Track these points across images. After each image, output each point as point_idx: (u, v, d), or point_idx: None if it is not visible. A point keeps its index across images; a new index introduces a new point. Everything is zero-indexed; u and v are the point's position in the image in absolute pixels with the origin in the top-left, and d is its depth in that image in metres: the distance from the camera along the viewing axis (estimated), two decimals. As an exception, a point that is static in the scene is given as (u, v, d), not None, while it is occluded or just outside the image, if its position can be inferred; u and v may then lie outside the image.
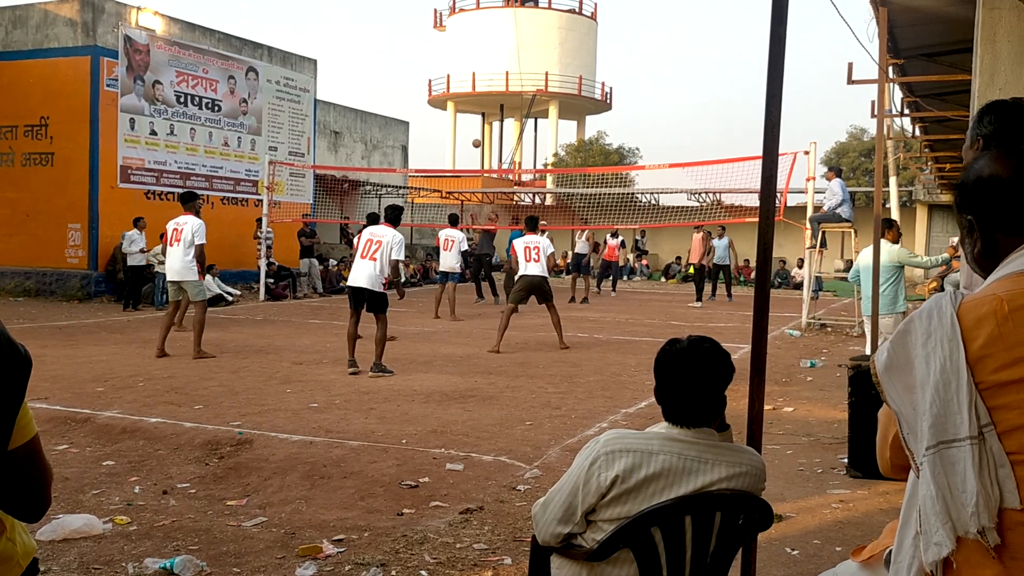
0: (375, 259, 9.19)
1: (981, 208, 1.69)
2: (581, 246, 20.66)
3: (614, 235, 21.92)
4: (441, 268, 16.12)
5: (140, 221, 15.98)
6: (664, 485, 2.24)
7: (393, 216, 9.59)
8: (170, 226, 10.35)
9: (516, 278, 11.47)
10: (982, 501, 1.50)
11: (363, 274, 9.23)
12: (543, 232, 12.32)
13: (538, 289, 11.26)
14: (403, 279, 10.89)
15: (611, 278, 22.42)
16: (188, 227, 10.13)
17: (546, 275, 11.32)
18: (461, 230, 16.57)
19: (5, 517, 1.62)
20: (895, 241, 8.95)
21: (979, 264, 1.72)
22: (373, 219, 9.60)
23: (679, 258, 29.96)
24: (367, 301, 9.31)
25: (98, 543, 4.24)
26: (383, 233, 9.31)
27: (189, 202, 10.40)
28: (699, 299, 19.24)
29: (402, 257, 9.36)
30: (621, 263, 29.09)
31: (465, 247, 16.08)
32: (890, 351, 1.66)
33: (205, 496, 5.05)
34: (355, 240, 9.42)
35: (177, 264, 10.18)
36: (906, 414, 1.63)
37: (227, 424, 6.55)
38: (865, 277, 8.68)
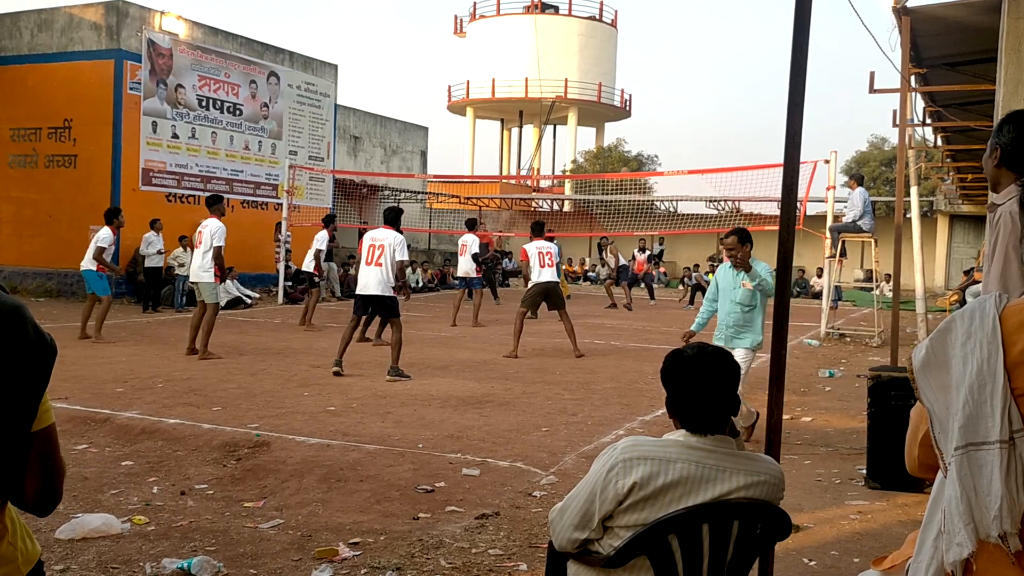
0: (380, 264, 9.20)
1: None
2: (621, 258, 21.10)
3: (641, 250, 22.14)
4: (458, 274, 16.25)
5: (157, 223, 16.14)
6: (682, 493, 2.24)
7: (392, 218, 9.57)
8: (198, 229, 10.60)
9: (529, 284, 11.51)
10: (1006, 506, 1.49)
11: (372, 281, 9.24)
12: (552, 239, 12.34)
13: (552, 295, 11.30)
14: (415, 282, 11.16)
15: (645, 287, 22.62)
16: (208, 231, 10.31)
17: (559, 280, 11.41)
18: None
19: (8, 520, 1.63)
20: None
21: None
22: (388, 216, 9.57)
23: (697, 265, 29.85)
24: (379, 307, 9.34)
25: (116, 543, 4.26)
26: (384, 237, 9.30)
27: (213, 205, 10.59)
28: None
29: (406, 258, 9.39)
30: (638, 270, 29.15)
31: (475, 250, 16.00)
32: (928, 349, 1.65)
33: (223, 497, 5.07)
34: (358, 245, 9.43)
35: (195, 265, 10.46)
36: (938, 413, 1.62)
37: (245, 426, 6.58)
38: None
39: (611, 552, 2.26)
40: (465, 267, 15.79)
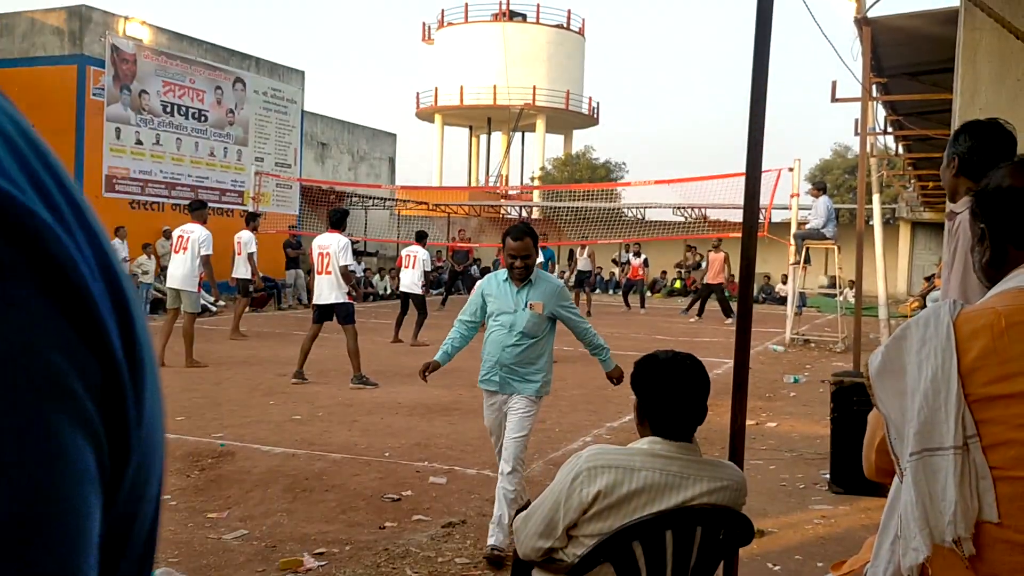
0: (330, 272, 9.23)
1: (995, 218, 1.71)
2: (584, 263, 20.30)
3: (637, 254, 22.02)
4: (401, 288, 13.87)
5: (121, 230, 15.96)
6: (646, 500, 2.25)
7: (336, 220, 9.55)
8: (176, 233, 10.47)
9: None
10: (960, 511, 1.51)
11: (324, 289, 9.29)
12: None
13: None
14: (383, 289, 11.02)
15: (638, 295, 22.37)
16: (194, 237, 10.20)
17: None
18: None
19: None
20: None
21: (985, 273, 1.75)
22: (332, 219, 9.55)
23: (664, 272, 30.05)
24: (334, 313, 9.33)
25: (76, 555, 4.19)
26: (328, 243, 9.30)
27: (197, 211, 10.49)
28: (700, 313, 18.91)
29: (350, 261, 9.37)
30: (607, 277, 29.20)
31: (429, 267, 13.92)
32: (884, 355, 1.67)
33: (186, 508, 5.01)
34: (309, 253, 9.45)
35: (179, 272, 10.30)
36: (894, 419, 1.64)
37: (209, 436, 6.51)
38: None
39: (575, 560, 2.27)
40: (411, 279, 15.78)
